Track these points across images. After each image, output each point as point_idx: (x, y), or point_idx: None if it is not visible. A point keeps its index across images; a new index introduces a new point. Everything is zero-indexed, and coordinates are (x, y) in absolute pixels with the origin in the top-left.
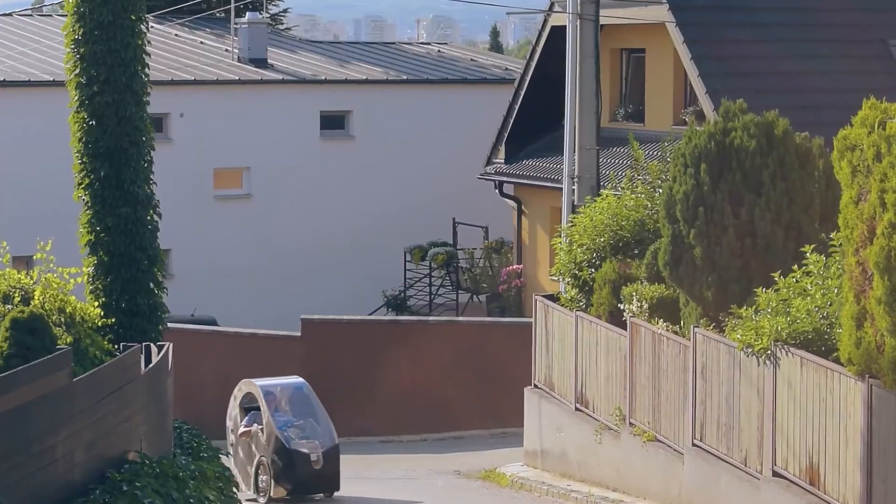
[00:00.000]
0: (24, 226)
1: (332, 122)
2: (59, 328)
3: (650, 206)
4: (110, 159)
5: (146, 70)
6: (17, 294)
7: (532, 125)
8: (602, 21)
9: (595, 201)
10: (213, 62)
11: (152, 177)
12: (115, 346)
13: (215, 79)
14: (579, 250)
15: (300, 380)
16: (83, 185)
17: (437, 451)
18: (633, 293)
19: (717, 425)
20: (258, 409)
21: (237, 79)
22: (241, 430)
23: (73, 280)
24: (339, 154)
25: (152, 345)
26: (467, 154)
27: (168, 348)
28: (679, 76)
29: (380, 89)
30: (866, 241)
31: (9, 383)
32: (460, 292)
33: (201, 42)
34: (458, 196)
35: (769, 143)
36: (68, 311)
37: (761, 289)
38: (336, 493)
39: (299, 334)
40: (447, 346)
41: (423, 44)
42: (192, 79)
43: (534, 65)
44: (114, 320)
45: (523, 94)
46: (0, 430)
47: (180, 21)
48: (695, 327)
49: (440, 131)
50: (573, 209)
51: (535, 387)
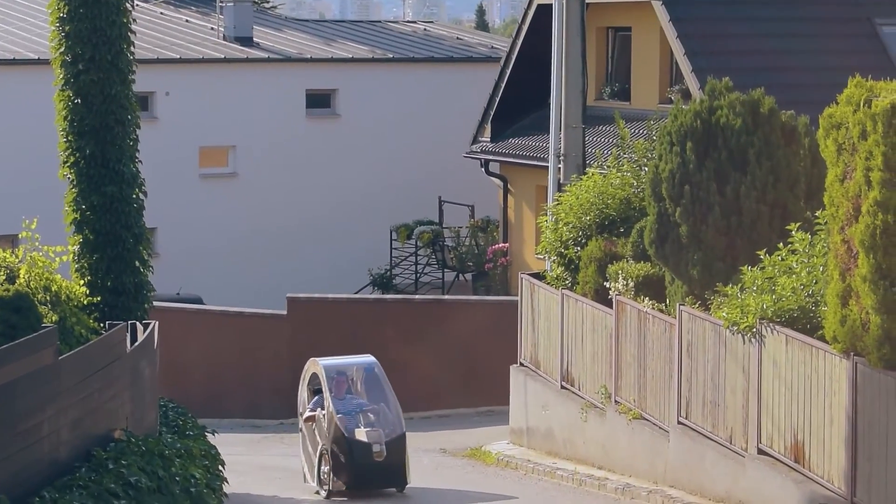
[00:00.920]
0: (9, 204)
1: (318, 101)
2: (44, 307)
3: (636, 184)
4: (96, 137)
5: (131, 48)
6: (2, 272)
7: (518, 103)
8: None
9: (581, 180)
10: (198, 40)
11: (138, 155)
12: (101, 325)
13: (201, 57)
14: (565, 228)
15: (370, 359)
16: (68, 164)
17: (423, 429)
18: (619, 271)
19: (703, 403)
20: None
21: (223, 57)
22: (306, 414)
23: (58, 258)
24: (324, 132)
25: (138, 323)
26: (453, 132)
27: (153, 327)
28: (665, 54)
29: (366, 68)
30: (851, 220)
31: None
32: (446, 271)
33: (187, 20)
34: (444, 174)
35: (755, 122)
36: (54, 289)
37: (747, 267)
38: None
39: (285, 313)
40: (433, 324)
41: (409, 22)
42: (178, 57)
43: (520, 43)
44: (99, 299)
45: (509, 72)
46: None
47: None
48: (680, 305)
49: (426, 110)
50: (559, 187)
51: (521, 365)
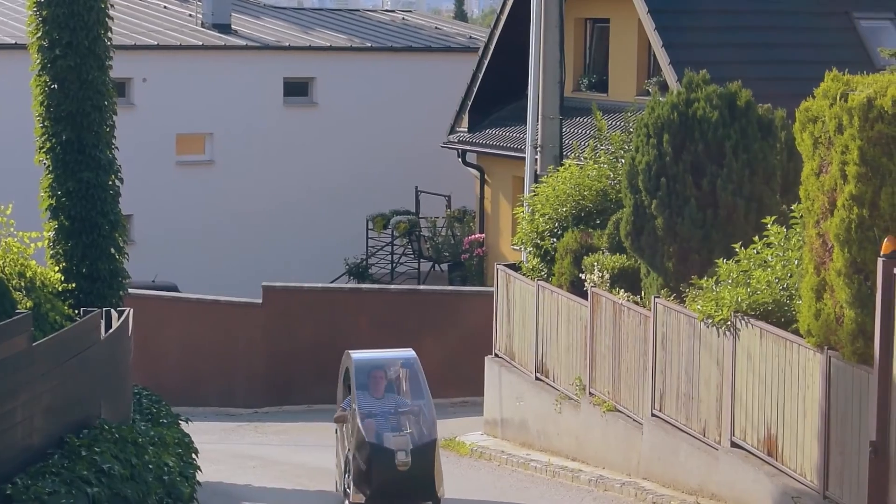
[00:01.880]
0: None
1: (296, 89)
2: (18, 293)
3: (613, 176)
4: (72, 123)
5: (109, 34)
6: None
7: (496, 94)
8: None
9: (558, 171)
10: (176, 27)
11: (114, 141)
12: (76, 312)
13: (178, 44)
14: (541, 220)
15: (409, 353)
16: (45, 149)
17: None
18: (595, 263)
19: (677, 396)
20: (363, 386)
21: (201, 44)
22: (337, 413)
23: (33, 244)
24: (302, 121)
25: (113, 310)
26: (431, 122)
27: (128, 314)
28: (643, 46)
29: (344, 56)
30: (827, 213)
31: None
32: (422, 261)
33: (165, 6)
34: (421, 164)
35: (731, 115)
36: (28, 275)
37: (722, 260)
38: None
39: (260, 301)
40: (408, 314)
41: (387, 11)
42: (156, 44)
43: (498, 34)
44: (74, 285)
45: (487, 62)
46: None
47: None
48: (655, 297)
49: (404, 99)
50: (536, 178)
51: (496, 356)
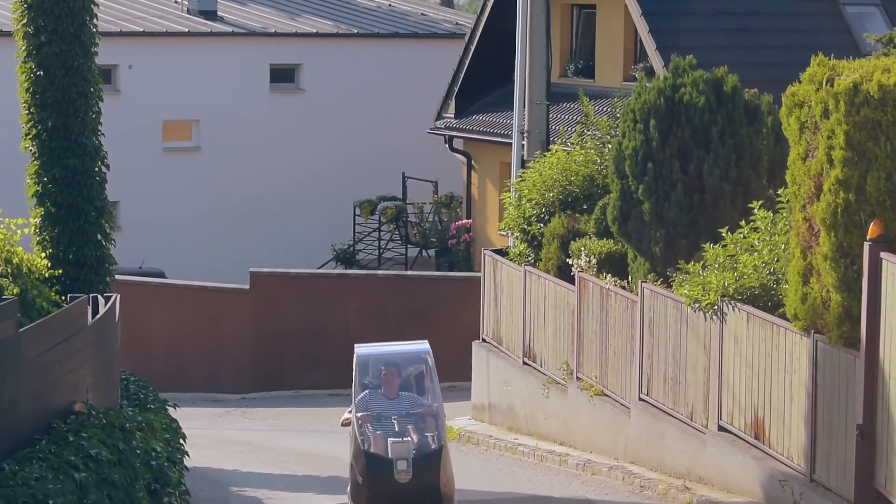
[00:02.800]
0: None
1: (282, 76)
2: (5, 279)
3: (599, 161)
4: (58, 110)
5: (94, 20)
6: None
7: (482, 80)
8: None
9: (545, 156)
10: (162, 14)
11: (100, 128)
12: (63, 298)
13: (164, 31)
14: (528, 205)
15: (421, 346)
16: (30, 136)
17: None
18: (582, 248)
19: (664, 380)
20: (375, 386)
21: (186, 31)
22: (344, 416)
23: (19, 231)
24: (288, 107)
25: (99, 296)
26: (417, 108)
27: (115, 299)
28: (629, 32)
29: (330, 43)
30: (813, 198)
31: None
32: (409, 247)
33: None
34: (408, 150)
35: (718, 100)
36: (15, 262)
37: (709, 244)
38: None
39: (248, 287)
40: (396, 300)
41: None
42: (141, 30)
43: (484, 19)
44: (61, 272)
45: (474, 48)
46: None
47: None
48: (642, 282)
49: (390, 85)
50: (523, 164)
51: (484, 341)
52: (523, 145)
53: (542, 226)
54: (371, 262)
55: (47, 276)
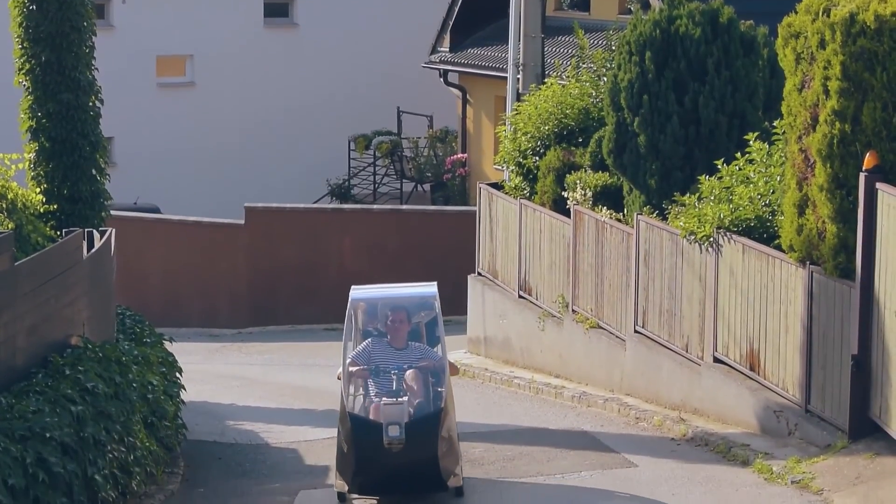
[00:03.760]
0: None
1: (276, 10)
2: (0, 214)
3: (595, 94)
4: (51, 44)
5: None
6: None
7: (477, 14)
8: None
9: (540, 89)
10: None
11: (94, 63)
12: (58, 233)
13: None
14: (524, 138)
15: (428, 290)
16: (24, 71)
17: None
18: (577, 181)
19: (660, 312)
20: (378, 332)
21: None
22: (339, 370)
23: (14, 166)
24: (282, 42)
25: (95, 231)
26: (412, 42)
27: (110, 234)
28: None
29: None
30: (809, 129)
31: None
32: (404, 181)
33: None
34: (403, 85)
35: (714, 32)
36: (10, 197)
37: (704, 176)
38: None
39: (243, 222)
40: (391, 234)
41: None
42: None
43: None
44: (56, 207)
45: None
46: None
47: None
48: (638, 215)
49: (385, 19)
50: (518, 97)
51: (479, 274)
52: (518, 79)
53: (537, 159)
54: (366, 197)
55: (42, 211)
